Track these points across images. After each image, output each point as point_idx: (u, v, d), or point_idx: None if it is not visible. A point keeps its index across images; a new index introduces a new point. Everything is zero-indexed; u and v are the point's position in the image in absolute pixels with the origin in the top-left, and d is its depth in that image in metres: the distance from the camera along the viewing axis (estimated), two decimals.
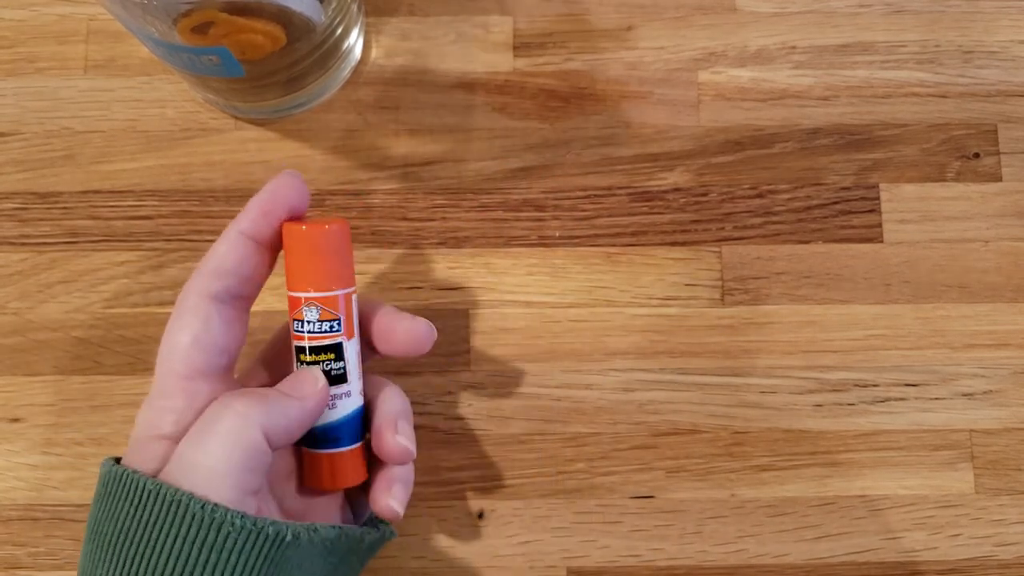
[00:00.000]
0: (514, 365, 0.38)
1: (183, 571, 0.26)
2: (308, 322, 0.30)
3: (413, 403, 0.38)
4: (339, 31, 0.37)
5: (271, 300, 0.39)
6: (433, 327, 0.31)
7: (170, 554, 0.26)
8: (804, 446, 0.38)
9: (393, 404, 0.31)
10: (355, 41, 0.40)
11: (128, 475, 0.27)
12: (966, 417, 0.38)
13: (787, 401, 0.38)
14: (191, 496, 0.26)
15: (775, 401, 0.38)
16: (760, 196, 0.40)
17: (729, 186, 0.40)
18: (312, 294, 0.29)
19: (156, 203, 0.40)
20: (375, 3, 0.41)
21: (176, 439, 0.28)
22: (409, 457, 0.31)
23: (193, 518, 0.26)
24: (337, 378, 0.30)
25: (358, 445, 0.31)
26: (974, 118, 0.41)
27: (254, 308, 0.38)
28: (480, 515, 0.37)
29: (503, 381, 0.38)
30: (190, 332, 0.29)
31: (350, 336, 0.30)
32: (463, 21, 0.41)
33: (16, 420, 0.38)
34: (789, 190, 0.40)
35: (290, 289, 0.30)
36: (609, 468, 0.38)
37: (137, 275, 0.39)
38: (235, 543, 0.26)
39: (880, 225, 0.40)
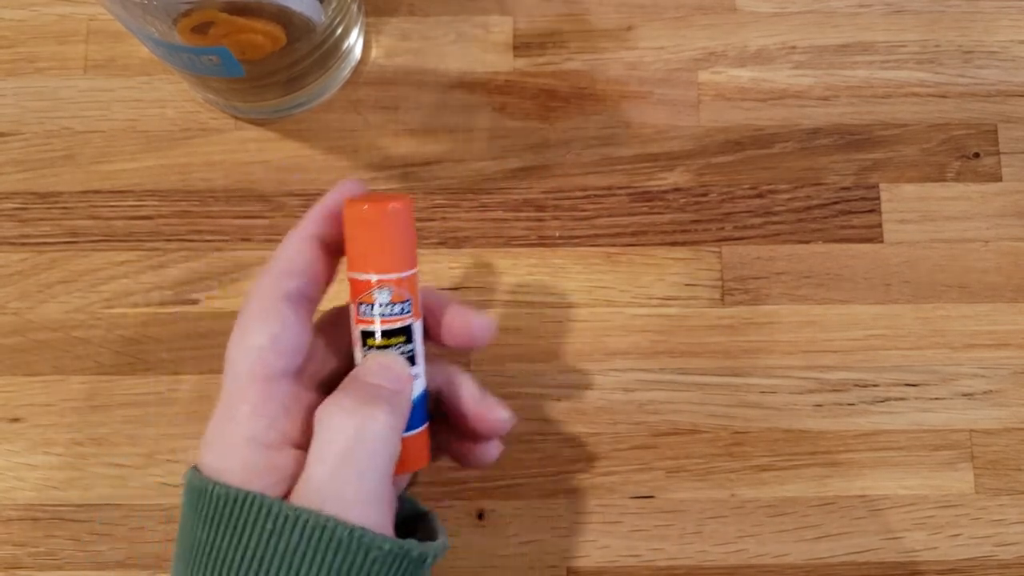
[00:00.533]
0: (514, 365, 0.38)
1: None
2: (380, 304, 0.28)
3: None
4: (339, 31, 0.37)
5: None
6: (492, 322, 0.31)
7: None
8: (804, 446, 0.38)
9: (473, 384, 0.31)
10: (355, 41, 0.40)
11: (255, 499, 0.25)
12: (966, 417, 0.38)
13: (787, 401, 0.38)
14: (336, 522, 0.25)
15: (775, 401, 0.38)
16: (760, 196, 0.40)
17: (729, 186, 0.40)
18: (384, 276, 0.28)
19: (156, 203, 0.40)
20: (375, 3, 0.41)
21: (265, 444, 0.27)
22: (509, 424, 0.30)
23: (339, 545, 0.25)
24: (408, 360, 0.29)
25: (423, 428, 0.30)
26: (974, 118, 0.41)
27: None
28: (480, 515, 0.37)
29: (503, 381, 0.38)
30: (267, 334, 0.27)
31: (418, 317, 0.29)
32: (463, 21, 0.41)
33: (16, 420, 0.38)
34: (789, 190, 0.40)
35: (355, 271, 0.28)
36: (609, 468, 0.38)
37: (137, 275, 0.39)
38: (381, 567, 0.25)
39: (880, 225, 0.40)
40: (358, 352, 0.29)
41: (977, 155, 0.40)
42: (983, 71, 0.41)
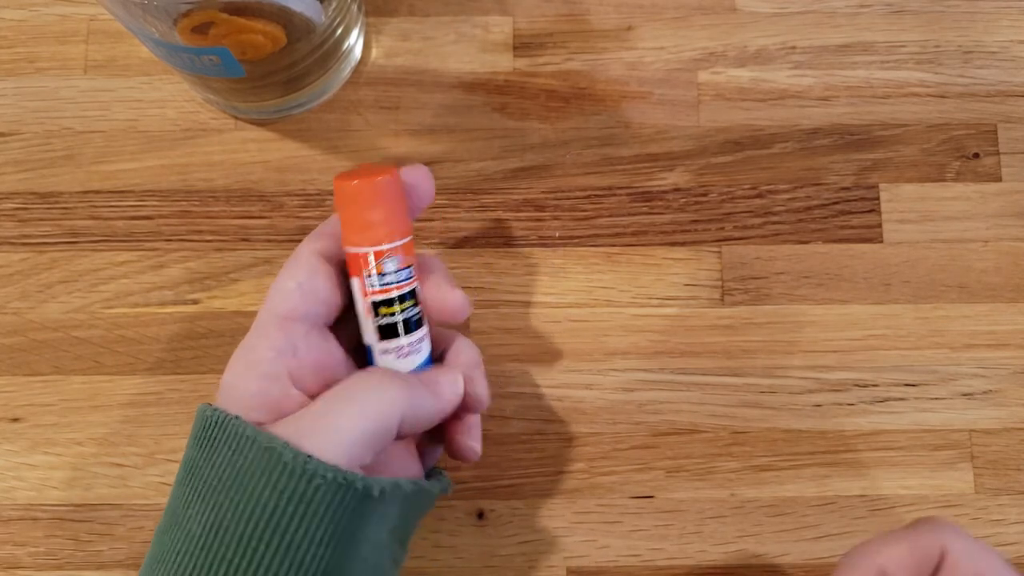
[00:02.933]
0: (514, 365, 0.38)
1: (270, 519, 0.26)
2: (387, 273, 0.29)
3: None
4: (339, 31, 0.37)
5: None
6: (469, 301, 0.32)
7: (258, 501, 0.26)
8: (804, 446, 0.38)
9: (468, 354, 0.32)
10: (355, 41, 0.40)
11: (228, 420, 0.28)
12: (966, 417, 0.38)
13: (787, 401, 0.38)
14: (285, 445, 0.26)
15: (775, 401, 0.38)
16: (760, 196, 0.40)
17: (729, 186, 0.40)
18: (391, 244, 0.29)
19: (156, 203, 0.40)
20: (375, 3, 0.41)
21: (263, 373, 0.29)
22: (485, 405, 0.32)
23: (285, 467, 0.26)
24: (416, 323, 0.30)
25: None
26: (974, 118, 0.41)
27: (254, 307, 0.38)
28: (480, 515, 0.37)
29: (503, 381, 0.38)
30: (295, 279, 0.30)
31: (419, 279, 0.31)
32: (463, 21, 0.41)
33: (16, 420, 0.38)
34: (789, 190, 0.40)
35: (357, 245, 0.30)
36: (609, 468, 0.38)
37: (137, 275, 0.39)
38: (324, 495, 0.26)
39: (880, 225, 0.40)
40: (368, 323, 0.30)
41: (977, 155, 0.40)
42: (983, 71, 0.41)
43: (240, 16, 0.32)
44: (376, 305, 0.30)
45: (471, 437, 0.32)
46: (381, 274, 0.29)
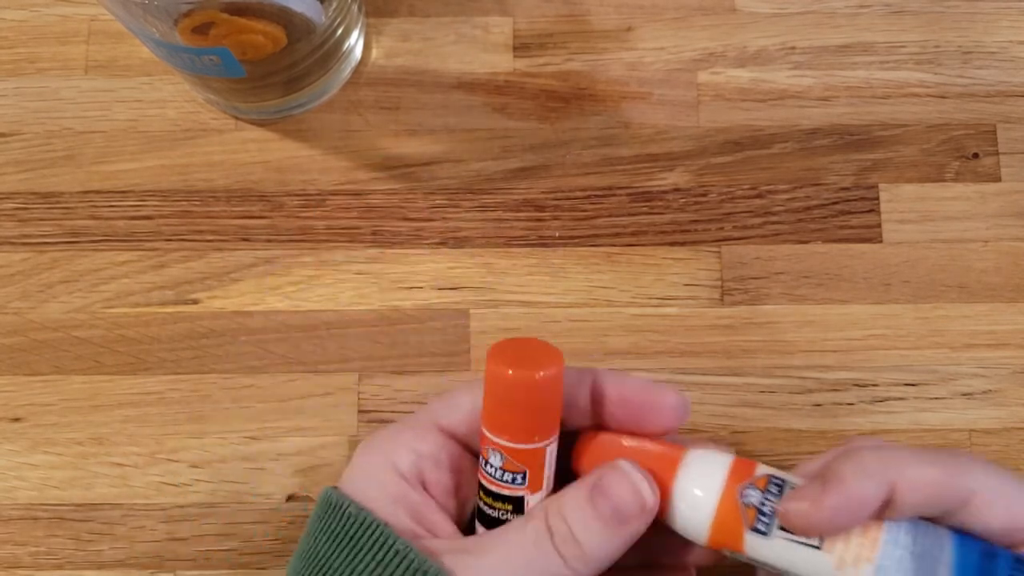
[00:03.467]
0: None
1: None
2: (491, 465, 0.27)
3: (413, 403, 0.38)
4: (339, 32, 0.37)
5: (272, 300, 0.39)
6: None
7: None
8: (804, 446, 0.38)
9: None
10: (355, 42, 0.40)
11: (375, 525, 0.26)
12: (965, 417, 0.38)
13: (786, 401, 0.38)
14: (439, 571, 0.24)
15: (774, 401, 0.38)
16: (759, 196, 0.40)
17: (729, 186, 0.40)
18: (500, 441, 0.26)
19: (157, 203, 0.40)
20: (375, 4, 0.41)
21: (403, 474, 0.27)
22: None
23: None
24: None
25: None
26: (973, 118, 0.41)
27: (255, 307, 0.39)
28: None
29: None
30: (474, 399, 0.28)
31: (535, 490, 0.27)
32: (463, 22, 0.41)
33: (17, 420, 0.38)
34: (788, 190, 0.40)
35: (482, 422, 0.27)
36: None
37: (138, 275, 0.39)
38: None
39: (879, 225, 0.40)
40: (478, 494, 0.28)
41: (976, 155, 0.40)
42: (982, 71, 0.41)
43: (240, 16, 0.32)
44: (479, 484, 0.28)
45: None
46: (484, 460, 0.27)
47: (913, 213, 0.40)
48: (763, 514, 0.25)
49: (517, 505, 0.27)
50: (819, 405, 0.38)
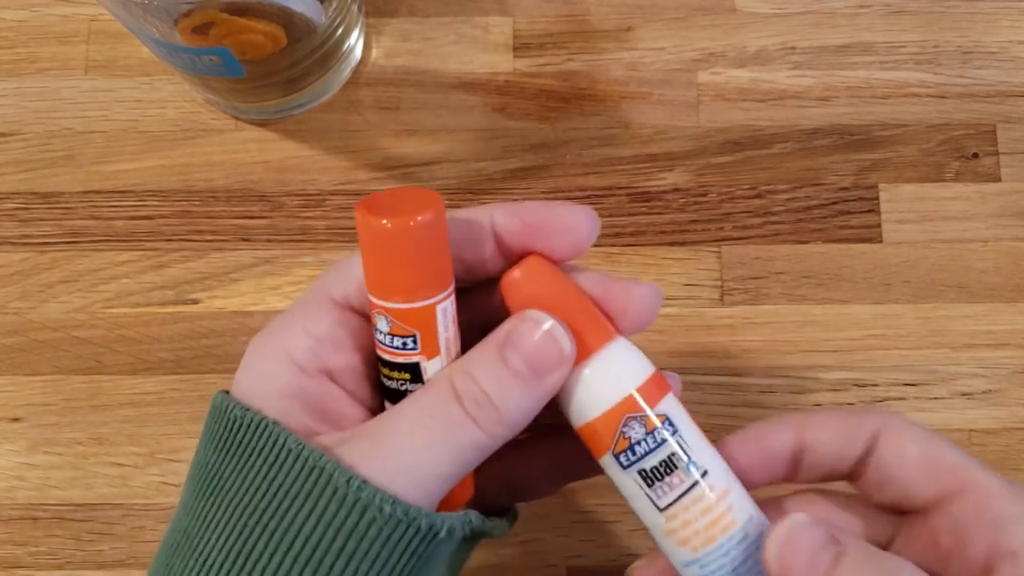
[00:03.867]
0: None
1: (312, 554, 0.21)
2: (379, 331, 0.24)
3: None
4: (339, 32, 0.37)
5: (272, 300, 0.39)
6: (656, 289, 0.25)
7: (299, 531, 0.22)
8: None
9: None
10: (355, 42, 0.40)
11: (264, 424, 0.23)
12: (965, 417, 0.38)
13: (786, 401, 0.38)
14: (337, 465, 0.22)
15: (774, 401, 0.38)
16: (759, 196, 0.40)
17: (728, 186, 0.40)
18: (382, 303, 0.23)
19: (157, 203, 0.40)
20: (375, 4, 0.41)
21: (301, 365, 0.24)
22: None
23: (335, 494, 0.22)
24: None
25: None
26: (973, 118, 0.41)
27: (255, 307, 0.39)
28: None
29: None
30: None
31: (431, 355, 0.24)
32: (463, 22, 0.41)
33: (17, 420, 0.38)
34: (788, 190, 0.40)
35: (365, 285, 0.24)
36: None
37: (138, 275, 0.39)
38: (379, 532, 0.22)
39: (879, 225, 0.40)
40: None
41: (976, 155, 0.40)
42: (982, 71, 0.41)
43: (240, 16, 0.32)
44: (376, 356, 0.25)
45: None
46: (374, 327, 0.24)
47: (913, 213, 0.40)
48: (632, 451, 0.24)
49: (414, 373, 0.24)
50: (819, 405, 0.38)
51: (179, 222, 0.39)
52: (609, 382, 0.24)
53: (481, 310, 0.25)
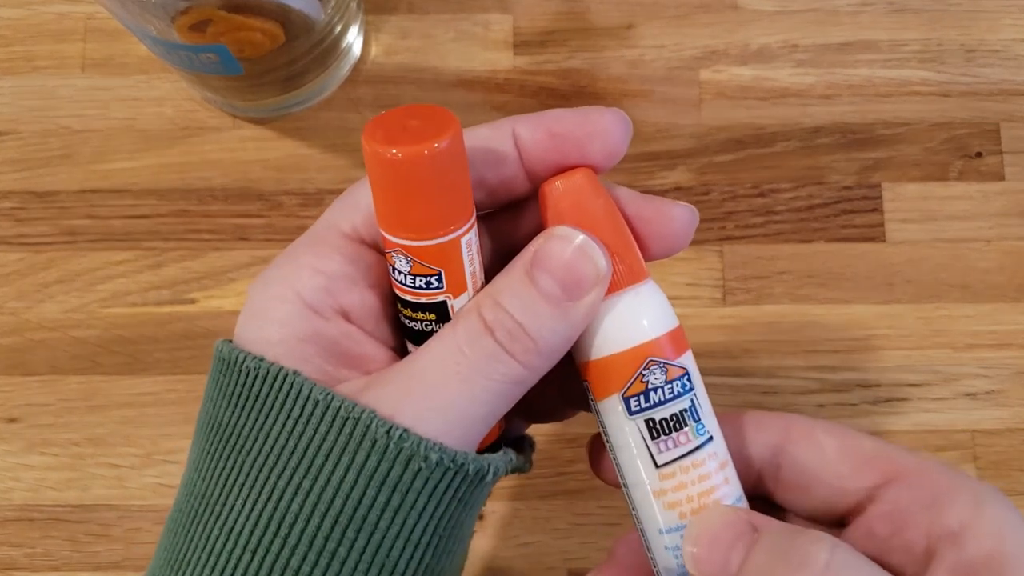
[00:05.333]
0: None
1: (355, 512, 0.20)
2: (398, 271, 0.22)
3: None
4: (338, 29, 0.37)
5: None
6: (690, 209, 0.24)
7: (339, 489, 0.20)
8: None
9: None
10: (354, 39, 0.39)
11: (284, 374, 0.21)
12: (969, 417, 0.38)
13: (789, 401, 0.38)
14: (373, 414, 0.20)
15: (777, 401, 0.38)
16: (762, 195, 0.40)
17: (731, 185, 0.40)
18: (400, 241, 0.21)
19: (154, 202, 0.39)
20: (374, 1, 0.41)
21: (313, 306, 0.22)
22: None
23: (374, 445, 0.20)
24: None
25: None
26: (976, 117, 0.40)
27: None
28: (480, 516, 0.37)
29: None
30: (370, 194, 0.22)
31: (459, 291, 0.22)
32: (463, 19, 0.41)
33: (13, 420, 0.38)
34: (791, 189, 0.40)
35: (379, 222, 0.22)
36: None
37: (135, 274, 0.39)
38: (426, 482, 0.20)
39: (882, 224, 0.39)
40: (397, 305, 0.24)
41: (979, 154, 0.40)
42: (986, 70, 0.41)
43: (238, 14, 0.32)
44: (396, 297, 0.23)
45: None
46: (391, 267, 0.22)
47: (916, 212, 0.39)
48: (645, 397, 0.22)
49: (441, 313, 0.22)
50: (822, 406, 0.38)
51: (176, 221, 0.39)
52: (637, 319, 0.22)
53: (508, 236, 0.24)
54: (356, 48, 0.40)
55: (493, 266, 0.23)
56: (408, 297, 0.22)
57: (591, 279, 0.21)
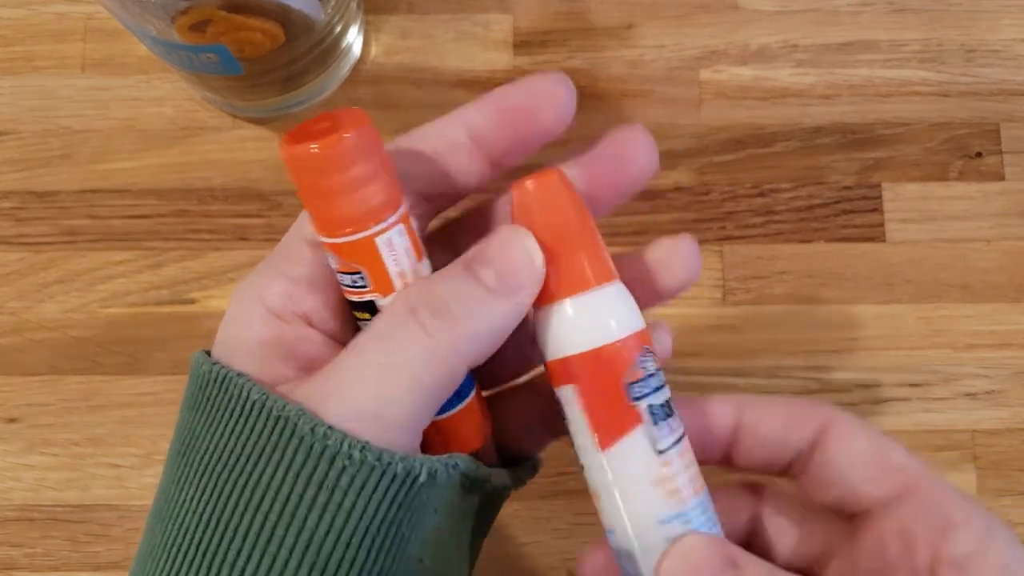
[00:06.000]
0: None
1: (284, 509, 0.20)
2: (333, 270, 0.22)
3: None
4: (338, 29, 0.37)
5: None
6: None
7: (268, 486, 0.20)
8: None
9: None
10: (354, 39, 0.39)
11: (228, 377, 0.21)
12: (969, 417, 0.38)
13: None
14: (301, 412, 0.20)
15: None
16: (762, 195, 0.40)
17: (731, 185, 0.40)
18: (324, 239, 0.22)
19: (154, 202, 0.39)
20: (374, 1, 0.41)
21: (277, 311, 0.22)
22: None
23: (301, 443, 0.20)
24: None
25: (463, 404, 0.24)
26: (976, 117, 0.40)
27: None
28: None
29: None
30: None
31: (387, 291, 0.22)
32: (463, 19, 0.41)
33: (13, 420, 0.38)
34: (791, 189, 0.40)
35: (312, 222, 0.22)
36: None
37: (135, 274, 0.39)
38: (352, 481, 0.20)
39: (882, 224, 0.39)
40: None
41: (980, 154, 0.40)
42: (986, 70, 0.41)
43: (238, 14, 0.32)
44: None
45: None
46: (331, 266, 0.22)
47: (916, 212, 0.39)
48: (645, 383, 0.22)
49: (373, 312, 0.22)
50: None
51: (176, 221, 0.39)
52: (631, 309, 0.23)
53: (479, 237, 0.23)
54: (356, 48, 0.40)
55: None
56: (347, 296, 0.22)
57: (526, 275, 0.21)
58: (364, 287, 0.22)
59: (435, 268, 0.23)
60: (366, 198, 0.21)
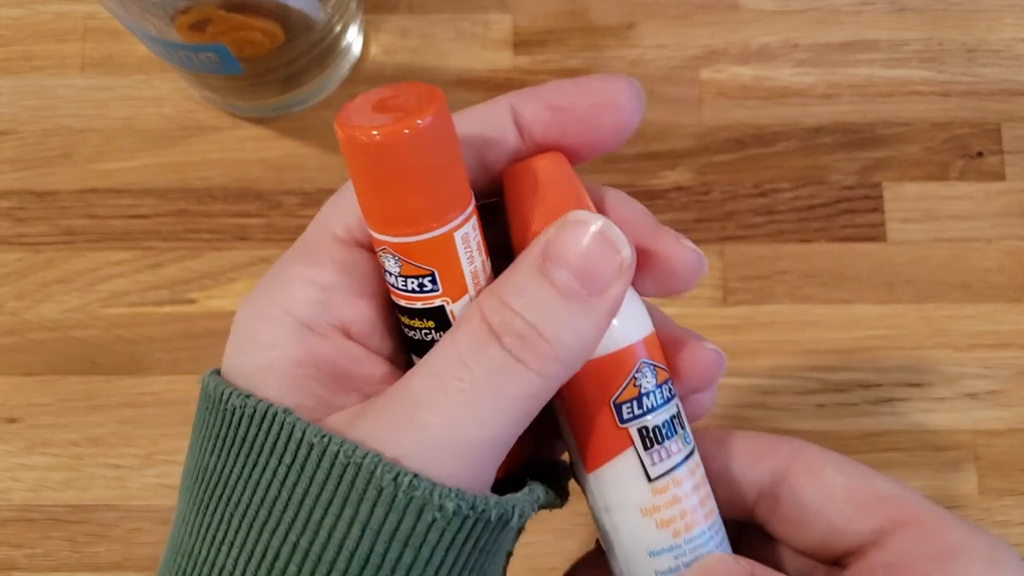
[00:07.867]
0: None
1: (360, 573, 0.17)
2: (389, 273, 0.19)
3: None
4: (338, 28, 0.37)
5: None
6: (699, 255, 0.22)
7: (342, 547, 0.17)
8: None
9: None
10: (354, 38, 0.39)
11: (275, 416, 0.18)
12: (970, 418, 0.38)
13: (789, 402, 0.38)
14: (378, 458, 0.17)
15: (777, 401, 0.38)
16: (762, 195, 0.40)
17: (731, 185, 0.40)
18: (386, 239, 0.19)
19: (154, 202, 0.39)
20: (374, 0, 0.41)
21: (307, 322, 0.19)
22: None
23: (380, 495, 0.17)
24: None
25: None
26: (977, 117, 0.40)
27: None
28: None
29: None
30: None
31: (458, 294, 0.19)
32: (463, 18, 0.41)
33: (13, 420, 0.38)
34: (791, 189, 0.40)
35: (365, 218, 0.19)
36: None
37: (134, 274, 0.39)
38: (442, 534, 0.17)
39: (883, 224, 0.39)
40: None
41: (980, 154, 0.40)
42: (986, 69, 0.41)
43: (238, 13, 0.32)
44: (392, 303, 0.20)
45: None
46: (384, 268, 0.19)
47: (917, 212, 0.39)
48: (639, 403, 0.20)
49: (440, 319, 0.19)
50: (823, 406, 0.38)
51: (176, 221, 0.39)
52: (624, 318, 0.20)
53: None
54: (356, 47, 0.40)
55: (500, 266, 0.20)
56: (403, 302, 0.19)
57: (614, 269, 0.18)
58: (434, 291, 0.19)
59: None
60: (443, 189, 0.18)
